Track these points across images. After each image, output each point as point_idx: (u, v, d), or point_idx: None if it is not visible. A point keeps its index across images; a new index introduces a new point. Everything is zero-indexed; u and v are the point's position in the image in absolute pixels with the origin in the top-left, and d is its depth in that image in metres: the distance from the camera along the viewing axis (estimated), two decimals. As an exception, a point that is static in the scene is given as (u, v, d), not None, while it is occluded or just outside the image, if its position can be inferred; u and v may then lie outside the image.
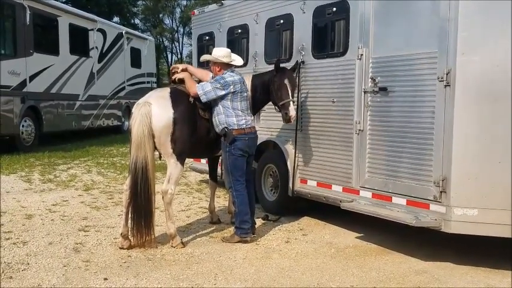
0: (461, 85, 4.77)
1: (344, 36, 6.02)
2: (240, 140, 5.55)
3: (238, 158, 5.60)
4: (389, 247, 5.59)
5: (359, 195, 5.79)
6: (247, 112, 5.68)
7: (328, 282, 4.55)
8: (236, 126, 5.52)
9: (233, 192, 5.71)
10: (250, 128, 5.62)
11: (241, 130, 5.54)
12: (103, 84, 16.98)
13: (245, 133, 5.57)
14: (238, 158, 5.61)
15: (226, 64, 5.67)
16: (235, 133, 5.52)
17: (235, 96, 5.53)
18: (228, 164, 5.65)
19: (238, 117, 5.53)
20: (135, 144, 5.19)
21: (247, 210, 5.67)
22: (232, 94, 5.50)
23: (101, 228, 6.09)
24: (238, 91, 5.54)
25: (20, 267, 4.71)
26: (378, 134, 5.58)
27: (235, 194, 5.67)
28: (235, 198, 5.68)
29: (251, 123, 5.68)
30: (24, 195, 7.77)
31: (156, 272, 4.66)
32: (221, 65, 5.67)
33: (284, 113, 5.87)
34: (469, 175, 4.82)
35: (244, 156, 5.64)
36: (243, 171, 5.68)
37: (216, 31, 8.40)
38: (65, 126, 14.77)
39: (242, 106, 5.59)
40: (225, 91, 5.47)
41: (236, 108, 5.53)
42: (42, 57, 13.32)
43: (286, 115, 5.84)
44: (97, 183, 9.09)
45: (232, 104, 5.52)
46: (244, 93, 5.65)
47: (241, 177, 5.65)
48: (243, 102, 5.62)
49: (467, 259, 5.15)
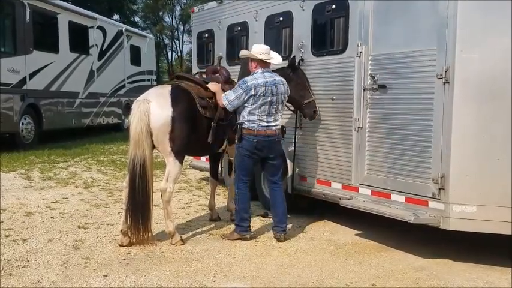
0: (460, 82, 4.77)
1: (343, 34, 6.02)
2: (248, 140, 5.50)
3: (245, 157, 5.57)
4: (388, 244, 5.60)
5: (358, 193, 5.80)
6: (268, 117, 5.48)
7: (327, 279, 4.56)
8: (246, 126, 5.48)
9: (235, 190, 5.71)
10: (264, 131, 5.47)
11: (250, 131, 5.47)
12: (103, 82, 16.95)
13: (254, 135, 5.47)
14: (245, 158, 5.57)
15: (263, 62, 5.58)
16: (245, 132, 5.49)
17: (256, 99, 5.41)
18: (235, 161, 5.67)
19: (251, 118, 5.46)
20: (133, 141, 5.19)
21: (247, 209, 5.67)
22: (253, 97, 5.41)
23: (101, 226, 6.10)
24: (259, 94, 5.40)
25: (20, 264, 4.72)
26: (377, 131, 5.59)
27: (237, 192, 5.66)
28: (237, 195, 5.67)
29: (267, 126, 5.48)
30: (24, 193, 7.78)
31: (155, 269, 4.67)
32: (257, 61, 5.59)
33: (312, 111, 6.11)
34: (467, 172, 4.82)
35: (251, 158, 5.57)
36: (247, 171, 5.66)
37: (216, 28, 8.40)
38: (64, 124, 14.77)
39: (261, 110, 5.43)
40: (247, 95, 5.41)
41: (253, 110, 5.44)
42: (41, 55, 13.31)
43: (314, 113, 6.09)
44: (97, 180, 9.10)
45: (251, 105, 5.43)
46: (268, 98, 5.42)
47: (245, 176, 5.63)
48: (263, 107, 5.43)
49: (466, 256, 5.16)
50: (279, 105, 5.58)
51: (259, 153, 5.58)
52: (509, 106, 4.66)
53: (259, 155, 5.59)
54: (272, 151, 5.63)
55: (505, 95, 4.68)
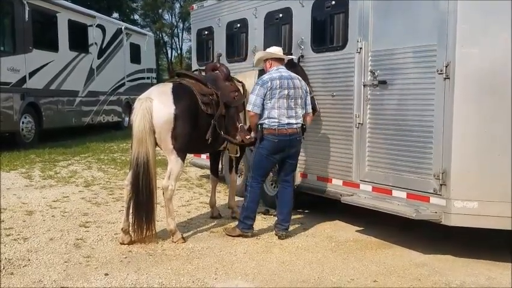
0: (460, 78, 4.76)
1: (343, 30, 6.01)
2: (269, 140, 5.45)
3: (264, 158, 5.53)
4: (389, 240, 5.59)
5: (359, 189, 5.79)
6: (288, 113, 5.44)
7: (328, 276, 4.56)
8: (267, 125, 5.44)
9: (247, 187, 5.67)
10: (285, 130, 5.42)
11: (271, 130, 5.43)
12: (103, 80, 16.94)
13: (276, 134, 5.42)
14: (263, 158, 5.53)
15: (277, 60, 5.66)
16: (265, 132, 5.45)
17: (273, 93, 5.39)
18: (253, 159, 5.65)
19: (271, 115, 5.41)
20: (136, 139, 5.18)
21: (255, 209, 5.66)
22: (270, 91, 5.40)
23: (102, 224, 6.10)
24: (275, 87, 5.39)
25: (21, 263, 4.71)
26: (378, 127, 5.58)
27: (249, 190, 5.62)
28: (248, 193, 5.63)
29: (288, 124, 5.43)
30: (24, 192, 7.78)
31: (156, 267, 4.67)
32: (272, 61, 5.67)
33: None
34: (469, 168, 4.82)
35: (271, 159, 5.54)
36: (264, 172, 5.65)
37: (215, 26, 8.39)
38: (65, 122, 14.76)
39: (280, 104, 5.40)
40: (265, 89, 5.40)
41: (272, 106, 5.40)
42: (41, 53, 13.29)
43: (314, 110, 6.02)
44: (97, 179, 9.10)
45: (270, 101, 5.40)
46: (285, 91, 5.41)
47: (260, 176, 5.61)
48: (281, 101, 5.40)
49: (467, 252, 5.16)
50: (298, 99, 5.51)
51: (279, 154, 5.52)
52: (510, 101, 4.65)
53: (279, 155, 5.53)
54: (292, 150, 5.57)
55: (506, 90, 4.66)
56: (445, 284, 4.41)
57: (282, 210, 5.69)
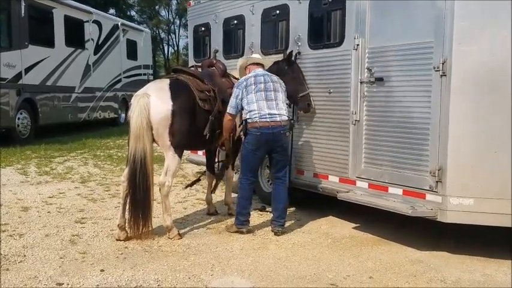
0: (457, 75, 4.76)
1: (340, 27, 5.99)
2: (252, 134, 5.48)
3: (249, 153, 5.55)
4: (385, 237, 5.60)
5: (355, 186, 5.79)
6: (268, 104, 5.46)
7: (324, 272, 4.56)
8: (250, 120, 5.47)
9: (239, 184, 5.71)
10: (267, 122, 5.42)
11: (253, 123, 5.45)
12: (99, 76, 16.89)
13: (258, 127, 5.43)
14: (249, 153, 5.56)
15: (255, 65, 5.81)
16: (249, 126, 5.48)
17: (249, 89, 5.48)
18: (240, 156, 5.69)
19: (251, 108, 5.45)
20: (133, 135, 5.16)
21: (247, 206, 5.67)
22: (245, 89, 5.48)
23: (98, 220, 6.09)
24: (250, 83, 5.49)
25: (17, 259, 4.70)
26: (374, 124, 5.57)
27: (239, 186, 5.67)
28: (239, 189, 5.67)
29: (270, 116, 5.43)
30: (20, 188, 7.76)
31: (153, 263, 4.67)
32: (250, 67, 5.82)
33: (306, 104, 6.18)
34: (465, 165, 4.82)
35: (256, 153, 5.55)
36: (251, 167, 5.66)
37: (212, 22, 8.36)
38: (61, 118, 14.72)
39: (258, 97, 5.45)
40: (240, 89, 5.51)
41: (250, 101, 5.46)
42: (37, 49, 13.24)
43: (309, 106, 6.18)
44: (93, 175, 9.08)
45: (247, 97, 5.47)
46: (261, 85, 5.50)
47: (248, 172, 5.63)
48: (259, 93, 5.46)
49: (463, 248, 5.17)
50: (278, 93, 5.55)
51: (264, 148, 5.53)
52: (506, 98, 4.66)
53: (264, 149, 5.54)
54: (277, 144, 5.53)
55: (503, 87, 4.67)
56: (441, 280, 4.43)
57: (277, 207, 5.70)
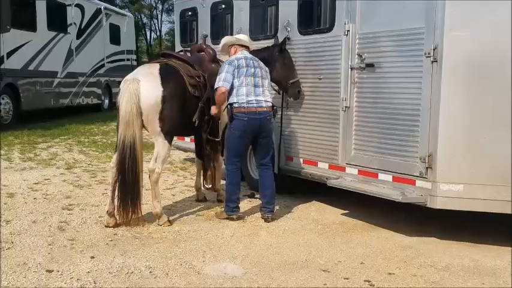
0: (448, 61, 4.77)
1: (330, 12, 5.96)
2: (238, 119, 5.44)
3: (236, 138, 5.52)
4: (375, 223, 5.64)
5: (345, 172, 5.81)
6: (256, 90, 5.47)
7: (316, 258, 4.57)
8: (236, 104, 5.43)
9: (226, 170, 5.67)
10: (254, 108, 5.42)
11: (241, 108, 5.42)
12: (82, 61, 16.59)
13: (245, 112, 5.41)
14: (235, 139, 5.53)
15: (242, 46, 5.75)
16: (235, 111, 5.43)
17: (240, 72, 5.43)
18: (226, 142, 5.64)
19: (239, 92, 5.42)
20: (123, 121, 5.08)
21: (236, 191, 5.64)
22: (237, 69, 5.43)
23: (85, 207, 6.02)
24: (241, 65, 5.45)
25: (4, 245, 4.62)
26: (365, 110, 5.57)
27: (226, 173, 5.64)
28: (226, 176, 5.64)
29: (256, 102, 5.44)
30: (4, 174, 7.61)
31: (143, 250, 4.63)
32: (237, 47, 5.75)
33: (296, 91, 6.20)
34: (455, 151, 4.85)
35: (242, 139, 5.53)
36: (237, 153, 5.63)
37: (199, 6, 8.26)
38: (43, 104, 14.44)
39: (248, 82, 5.43)
40: (233, 67, 5.44)
41: (240, 84, 5.42)
42: (19, 33, 12.93)
43: (298, 93, 6.19)
44: (79, 161, 8.96)
45: (238, 79, 5.43)
46: (251, 69, 5.48)
47: (234, 157, 5.60)
48: (249, 78, 5.44)
49: (452, 234, 5.22)
50: (264, 80, 5.58)
51: (250, 134, 5.51)
52: (497, 84, 4.69)
53: (250, 134, 5.52)
54: (263, 130, 5.54)
55: (493, 74, 4.70)
56: (431, 265, 4.46)
57: (265, 193, 5.69)
